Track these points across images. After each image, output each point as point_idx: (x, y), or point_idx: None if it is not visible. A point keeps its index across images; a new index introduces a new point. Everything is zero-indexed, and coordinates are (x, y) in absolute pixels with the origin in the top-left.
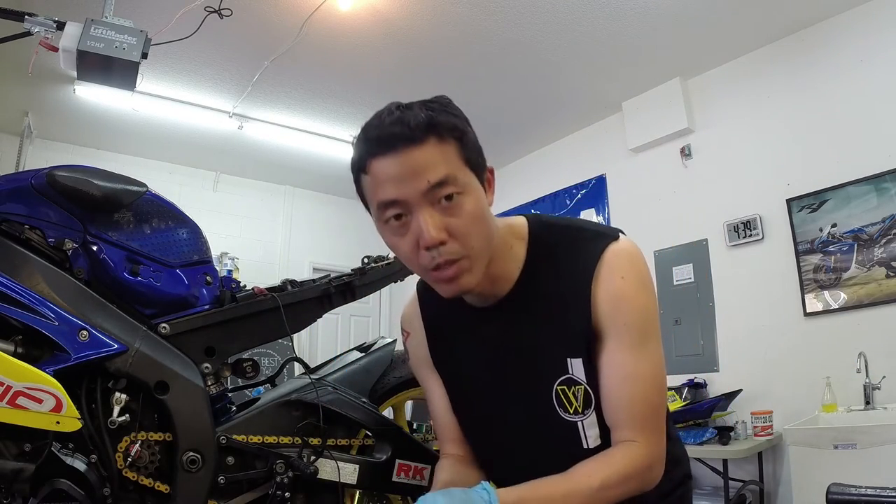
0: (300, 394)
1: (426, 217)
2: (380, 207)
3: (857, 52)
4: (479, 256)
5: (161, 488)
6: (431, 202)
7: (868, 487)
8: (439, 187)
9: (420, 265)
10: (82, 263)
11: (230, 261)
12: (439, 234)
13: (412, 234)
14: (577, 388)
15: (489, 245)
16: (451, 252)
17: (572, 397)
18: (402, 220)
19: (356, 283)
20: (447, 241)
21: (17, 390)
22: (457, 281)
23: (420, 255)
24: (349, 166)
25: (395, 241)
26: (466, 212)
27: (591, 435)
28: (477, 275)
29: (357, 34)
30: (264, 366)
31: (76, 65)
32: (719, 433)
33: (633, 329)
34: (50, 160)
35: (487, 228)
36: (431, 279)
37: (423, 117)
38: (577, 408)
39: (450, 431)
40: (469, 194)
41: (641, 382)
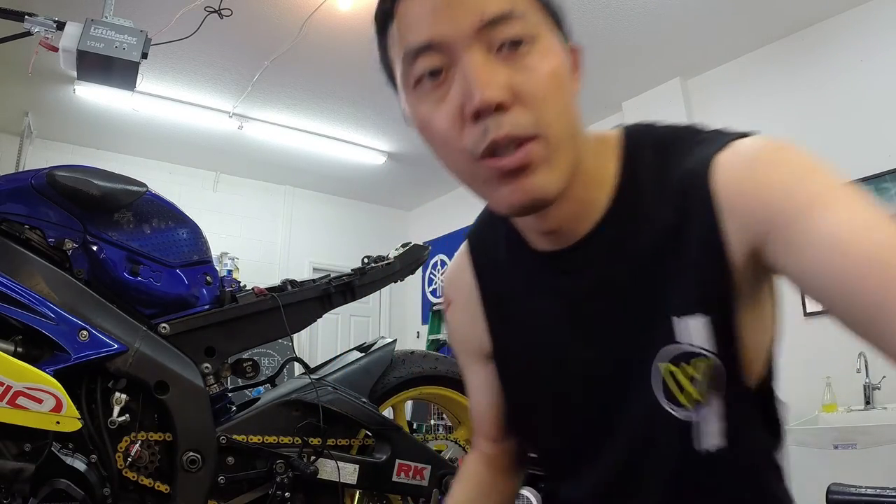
0: (300, 394)
1: (478, 61)
2: (407, 59)
3: (856, 52)
4: (562, 144)
5: (161, 488)
6: (488, 47)
7: (868, 487)
8: (500, 24)
9: (464, 149)
10: (82, 263)
11: (230, 261)
12: (498, 90)
13: (454, 97)
14: (699, 364)
15: (574, 135)
16: (516, 123)
17: (685, 380)
18: (439, 78)
19: (356, 283)
20: (509, 106)
21: (17, 390)
22: (527, 176)
23: (465, 131)
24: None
25: (426, 111)
26: (541, 67)
27: (712, 432)
28: (558, 174)
29: (357, 34)
30: (264, 366)
31: (76, 65)
32: None
33: (822, 196)
34: (50, 160)
35: (572, 106)
36: (484, 177)
37: None
38: (692, 396)
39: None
40: (545, 44)
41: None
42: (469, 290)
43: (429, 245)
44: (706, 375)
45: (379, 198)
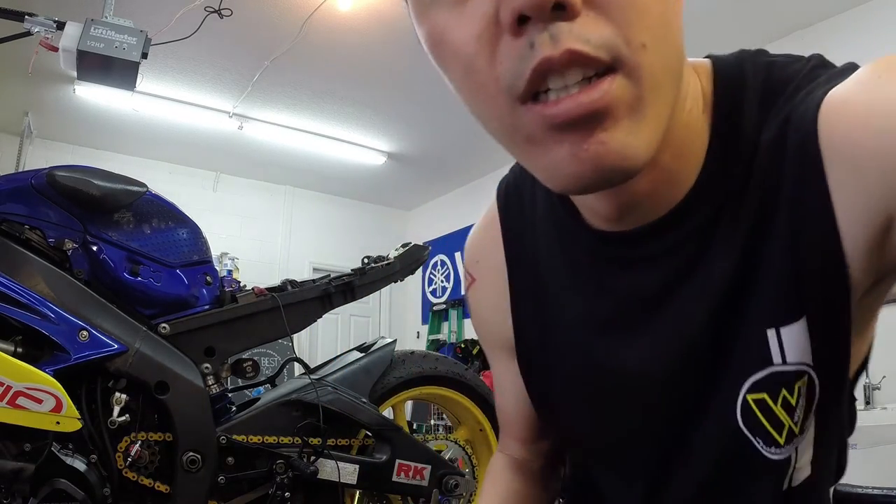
0: (300, 394)
1: None
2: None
3: (857, 52)
4: (660, 83)
5: (161, 488)
6: None
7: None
8: None
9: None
10: (82, 263)
11: (230, 261)
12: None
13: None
14: (795, 386)
15: (678, 71)
16: (586, 38)
17: (780, 412)
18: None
19: (356, 283)
20: (578, 9)
21: (17, 390)
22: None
23: (502, 50)
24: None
25: (442, 23)
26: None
27: (803, 461)
28: (650, 131)
29: (357, 34)
30: (264, 366)
31: (76, 65)
32: None
33: None
34: (50, 160)
35: (676, 25)
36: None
37: None
38: (790, 426)
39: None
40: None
41: None
42: (497, 266)
43: (429, 245)
44: (803, 397)
45: (379, 198)
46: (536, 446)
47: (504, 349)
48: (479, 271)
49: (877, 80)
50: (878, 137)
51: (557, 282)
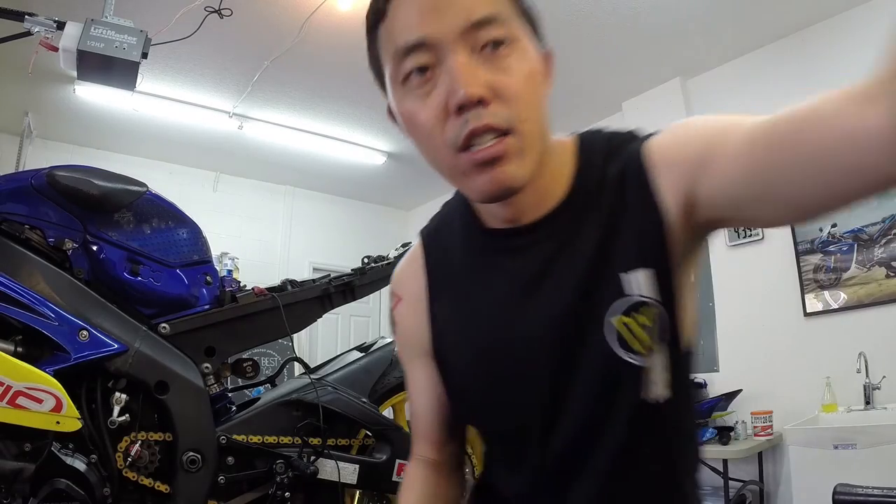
0: (300, 394)
1: (461, 63)
2: (396, 57)
3: (857, 52)
4: (532, 139)
5: (161, 488)
6: (471, 47)
7: (875, 488)
8: (484, 27)
9: (447, 141)
10: (82, 263)
11: (230, 261)
12: (479, 87)
13: (439, 92)
14: (649, 313)
15: (544, 134)
16: (494, 116)
17: (638, 328)
18: (426, 75)
19: (356, 283)
20: (489, 101)
21: (18, 390)
22: (500, 166)
23: (447, 125)
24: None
25: (412, 107)
26: (519, 69)
27: (660, 381)
28: (526, 166)
29: (357, 34)
30: (264, 366)
31: (76, 65)
32: (719, 433)
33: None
34: (50, 160)
35: (543, 105)
36: (461, 167)
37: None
38: (644, 343)
39: (430, 430)
40: (523, 49)
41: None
42: (418, 286)
43: None
44: (655, 322)
45: (379, 198)
46: (447, 448)
47: (423, 353)
48: (403, 291)
49: (674, 124)
50: (674, 148)
51: (468, 278)
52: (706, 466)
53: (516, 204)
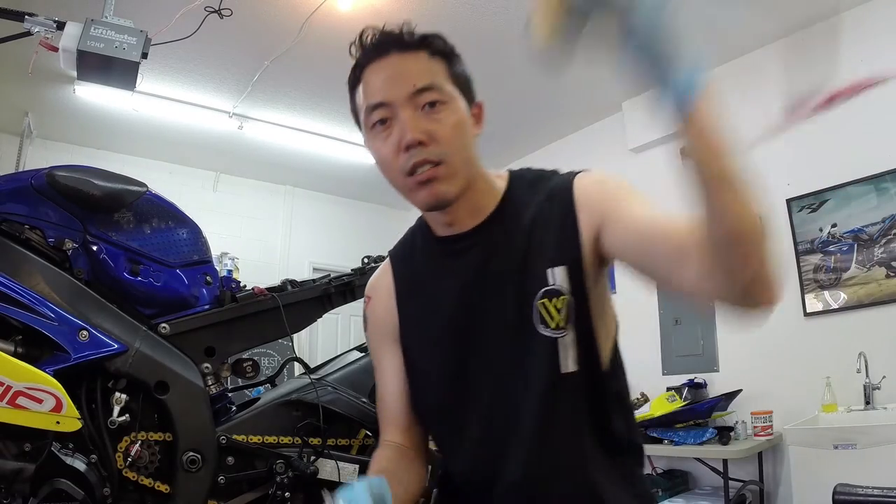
0: (300, 394)
1: (409, 116)
2: (367, 111)
3: (857, 52)
4: (457, 167)
5: (161, 488)
6: (415, 106)
7: (875, 488)
8: (424, 92)
9: (399, 168)
10: (82, 263)
11: (230, 261)
12: (418, 133)
13: (394, 136)
14: (560, 300)
15: (468, 163)
16: (429, 153)
17: (553, 310)
18: (386, 124)
19: (356, 283)
20: (426, 143)
21: (17, 390)
22: (433, 185)
23: (399, 158)
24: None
25: (377, 145)
26: (448, 121)
27: (570, 356)
28: (454, 185)
29: (357, 34)
30: (264, 366)
31: (76, 65)
32: (719, 433)
33: (635, 195)
34: (50, 160)
35: (467, 144)
36: (410, 185)
37: (419, 34)
38: (558, 322)
39: (397, 414)
40: (452, 106)
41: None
42: (387, 288)
43: None
44: (565, 307)
45: (379, 198)
46: (412, 433)
47: (392, 340)
48: (374, 293)
49: (596, 174)
50: (593, 195)
51: (425, 278)
52: (706, 466)
53: (453, 213)
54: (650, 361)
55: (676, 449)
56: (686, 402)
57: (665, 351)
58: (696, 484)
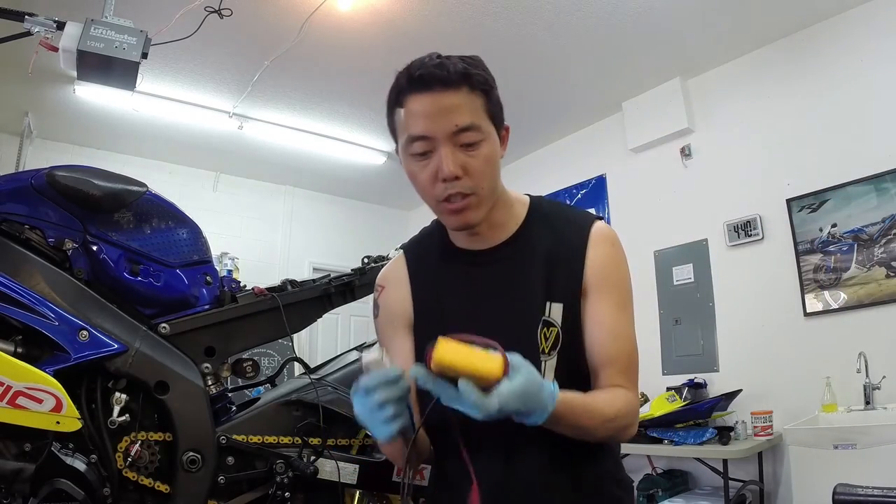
0: (300, 394)
1: (448, 153)
2: (409, 140)
3: (857, 52)
4: (487, 197)
5: (161, 488)
6: (455, 143)
7: (875, 488)
8: (464, 132)
9: (434, 195)
10: (82, 263)
11: (230, 261)
12: (457, 169)
13: (432, 166)
14: (551, 331)
15: (495, 190)
16: (463, 186)
17: (543, 338)
18: (426, 154)
19: (356, 283)
20: (462, 177)
21: (18, 390)
22: (464, 213)
23: (436, 186)
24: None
25: (415, 170)
26: (483, 156)
27: (548, 375)
28: (482, 213)
29: (357, 34)
30: (264, 366)
31: (76, 65)
32: (719, 433)
33: (621, 292)
34: (50, 160)
35: (496, 175)
36: (442, 210)
37: (461, 67)
38: (544, 347)
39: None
40: (488, 142)
41: (628, 342)
42: (401, 279)
43: None
44: (553, 338)
45: (379, 198)
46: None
47: (406, 325)
48: (388, 282)
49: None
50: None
51: (441, 279)
52: (706, 466)
53: (477, 232)
54: (650, 361)
55: (676, 449)
56: (686, 402)
57: (665, 351)
58: (696, 484)
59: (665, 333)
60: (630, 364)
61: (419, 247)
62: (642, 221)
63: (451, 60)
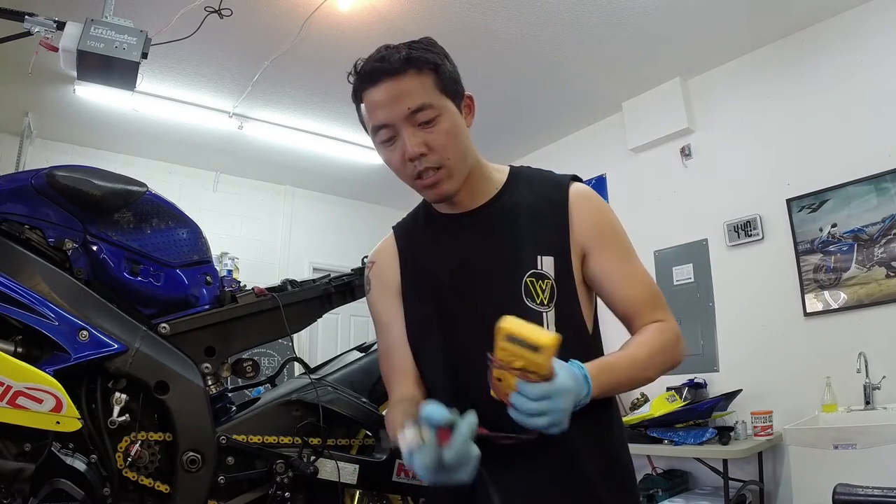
0: (300, 394)
1: (408, 134)
2: (373, 130)
3: (857, 52)
4: (457, 168)
5: (161, 488)
6: (413, 123)
7: (875, 488)
8: (418, 112)
9: (408, 174)
10: (82, 263)
11: (230, 261)
12: (419, 147)
13: (399, 149)
14: (545, 282)
15: (465, 159)
16: (430, 161)
17: (539, 290)
18: (392, 139)
19: (356, 283)
20: (426, 153)
21: (18, 390)
22: (438, 186)
23: (406, 166)
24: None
25: (388, 156)
26: (442, 130)
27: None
28: (455, 183)
29: (357, 34)
30: (264, 366)
31: (76, 65)
32: (719, 433)
33: (619, 240)
34: (50, 160)
35: (462, 144)
36: (418, 187)
37: (403, 54)
38: (542, 300)
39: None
40: (445, 116)
41: (644, 281)
42: (390, 253)
43: None
44: (549, 289)
45: (379, 198)
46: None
47: (395, 296)
48: (378, 257)
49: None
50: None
51: (427, 247)
52: (706, 466)
53: (457, 200)
54: None
55: (676, 449)
56: (686, 402)
57: None
58: (696, 484)
59: None
60: (654, 299)
61: (407, 223)
62: (642, 221)
63: (395, 49)
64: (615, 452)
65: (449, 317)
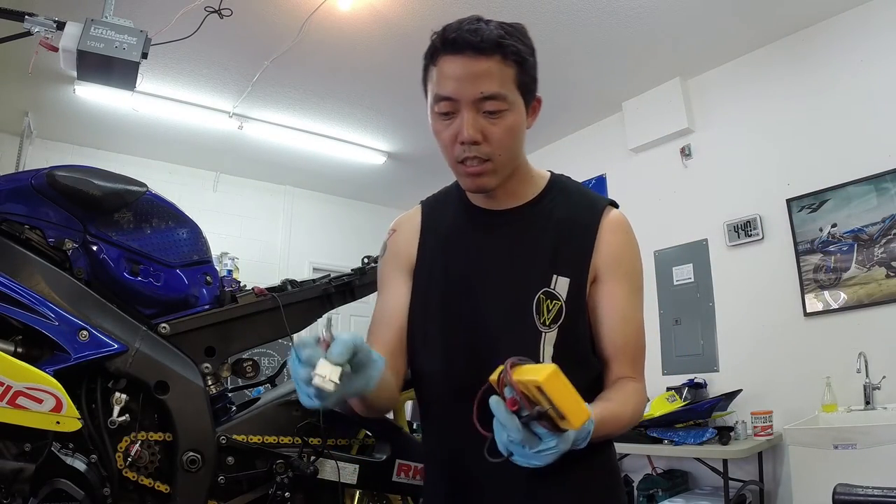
0: None
1: (470, 118)
2: (436, 99)
3: (857, 51)
4: (503, 165)
5: (161, 488)
6: (478, 109)
7: (875, 488)
8: (489, 100)
9: (453, 155)
10: (82, 263)
11: (230, 261)
12: (476, 134)
13: (454, 127)
14: (554, 303)
15: (514, 160)
16: (480, 151)
17: (546, 308)
18: (450, 114)
19: (356, 283)
20: (480, 143)
21: (18, 390)
22: (480, 178)
23: (455, 147)
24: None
25: (438, 127)
26: (504, 125)
27: (547, 353)
28: (497, 180)
29: (357, 34)
30: (264, 366)
31: (76, 65)
32: (719, 433)
33: (633, 279)
34: (50, 160)
35: (517, 145)
36: (459, 171)
37: (496, 35)
38: (545, 319)
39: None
40: (512, 112)
41: (636, 327)
42: (413, 227)
43: None
44: (555, 311)
45: (379, 198)
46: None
47: (406, 270)
48: (400, 227)
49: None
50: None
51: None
52: (706, 466)
53: (493, 196)
54: (650, 361)
55: (676, 449)
56: (686, 402)
57: (665, 351)
58: (696, 484)
59: (665, 333)
60: (638, 352)
61: (437, 202)
62: (642, 221)
63: (489, 26)
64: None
65: (455, 307)
